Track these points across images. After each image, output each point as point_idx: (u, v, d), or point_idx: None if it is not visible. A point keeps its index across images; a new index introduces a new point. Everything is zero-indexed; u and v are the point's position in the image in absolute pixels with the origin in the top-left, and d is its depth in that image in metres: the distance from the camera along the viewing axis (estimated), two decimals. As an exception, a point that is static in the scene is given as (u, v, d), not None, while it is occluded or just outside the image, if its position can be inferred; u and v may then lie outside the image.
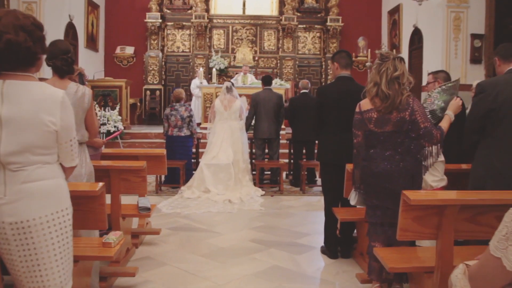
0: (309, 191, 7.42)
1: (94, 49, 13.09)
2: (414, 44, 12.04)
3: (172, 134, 7.53)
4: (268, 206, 6.34)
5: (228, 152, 7.12)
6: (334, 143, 4.06)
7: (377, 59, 3.10)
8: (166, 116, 7.58)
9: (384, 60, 3.03)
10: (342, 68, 4.13)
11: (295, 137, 7.72)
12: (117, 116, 10.14)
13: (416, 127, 2.95)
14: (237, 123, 7.35)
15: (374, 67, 3.08)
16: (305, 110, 7.55)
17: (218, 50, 13.63)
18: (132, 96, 13.32)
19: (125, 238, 3.07)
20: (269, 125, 7.49)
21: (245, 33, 13.88)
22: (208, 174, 6.97)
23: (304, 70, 13.91)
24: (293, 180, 7.86)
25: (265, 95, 7.56)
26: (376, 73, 3.03)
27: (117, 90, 10.61)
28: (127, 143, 10.04)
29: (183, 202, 6.50)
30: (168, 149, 7.57)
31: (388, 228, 3.09)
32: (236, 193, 6.83)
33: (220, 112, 7.34)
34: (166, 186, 7.50)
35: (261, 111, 7.52)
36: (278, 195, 7.10)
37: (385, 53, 3.07)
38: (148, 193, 7.30)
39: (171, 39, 13.89)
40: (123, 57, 13.86)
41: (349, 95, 4.00)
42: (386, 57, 3.03)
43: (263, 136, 7.56)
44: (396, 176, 2.96)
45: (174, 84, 13.83)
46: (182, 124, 7.48)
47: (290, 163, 8.40)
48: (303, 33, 13.95)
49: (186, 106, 7.60)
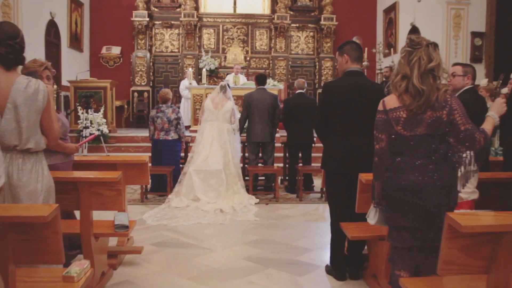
0: (306, 198, 6.80)
1: (78, 49, 12.40)
2: (411, 43, 11.47)
3: (158, 137, 6.88)
4: (263, 216, 5.72)
5: (218, 155, 6.49)
6: (343, 148, 3.44)
7: (405, 46, 2.49)
8: (152, 118, 6.93)
9: (415, 47, 2.43)
10: (353, 62, 3.52)
11: (291, 140, 7.10)
12: (102, 119, 9.47)
13: (455, 129, 2.35)
14: (225, 125, 6.71)
15: (402, 55, 2.47)
16: (301, 111, 6.95)
17: (208, 50, 13.00)
18: (119, 98, 12.66)
19: (92, 269, 2.42)
20: (263, 128, 6.88)
21: (236, 33, 13.26)
22: (197, 181, 6.33)
23: (297, 71, 13.32)
24: (288, 186, 7.24)
25: (258, 95, 6.95)
26: (405, 63, 2.42)
27: (102, 92, 9.94)
28: (112, 147, 9.37)
29: (171, 212, 5.85)
30: (155, 154, 6.95)
31: (417, 253, 2.48)
32: (228, 201, 6.20)
33: (210, 110, 6.70)
34: (153, 194, 6.84)
35: (254, 113, 6.90)
36: (273, 203, 6.48)
37: (416, 38, 2.47)
38: (133, 202, 6.66)
39: (159, 38, 13.23)
40: (109, 58, 13.18)
41: (361, 93, 3.40)
42: (418, 44, 2.43)
43: (257, 140, 6.94)
44: (429, 190, 2.35)
45: (163, 85, 13.13)
46: (169, 127, 6.84)
47: (285, 168, 7.79)
48: (296, 33, 13.37)
49: (174, 107, 6.95)
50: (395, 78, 2.45)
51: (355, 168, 3.38)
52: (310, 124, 6.98)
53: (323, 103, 3.55)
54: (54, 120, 2.75)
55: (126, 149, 9.38)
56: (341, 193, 3.53)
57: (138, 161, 4.25)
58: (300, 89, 7.09)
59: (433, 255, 2.48)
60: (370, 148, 3.55)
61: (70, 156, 3.72)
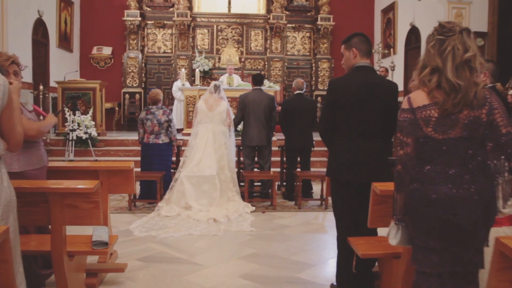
0: (305, 205, 6.38)
1: (68, 49, 11.93)
2: (410, 43, 11.12)
3: (148, 141, 6.44)
4: (259, 226, 5.29)
5: (212, 159, 6.06)
6: (352, 153, 3.02)
7: (433, 34, 2.09)
8: (141, 120, 6.49)
9: (448, 34, 2.02)
10: (362, 56, 3.10)
11: (289, 144, 6.67)
12: (90, 121, 9.01)
13: (495, 132, 1.94)
14: (220, 127, 6.29)
15: (431, 44, 2.06)
16: (299, 114, 6.53)
17: (202, 51, 12.57)
18: (109, 100, 12.22)
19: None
20: (259, 131, 6.46)
21: (230, 33, 12.84)
22: (189, 187, 5.89)
23: (293, 72, 12.91)
24: (286, 193, 6.81)
25: (255, 96, 6.53)
26: (435, 54, 2.01)
27: (90, 93, 9.47)
28: (100, 151, 8.90)
29: (160, 222, 5.41)
30: (144, 158, 6.51)
31: (448, 280, 2.06)
32: (222, 209, 5.77)
33: (203, 112, 6.28)
34: (142, 201, 6.39)
35: (250, 115, 6.48)
36: (270, 211, 6.05)
37: (447, 23, 2.07)
38: (120, 210, 6.21)
39: (151, 39, 12.79)
40: (100, 58, 12.72)
41: (373, 90, 2.98)
42: (450, 30, 2.02)
43: (252, 144, 6.51)
44: (465, 205, 1.94)
45: (155, 87, 12.68)
46: (159, 130, 6.40)
47: (283, 173, 7.36)
48: (292, 33, 12.97)
49: (164, 109, 6.52)
50: (423, 72, 2.04)
51: (366, 176, 2.96)
52: (309, 127, 6.58)
53: (329, 102, 3.13)
54: (17, 122, 2.30)
55: (116, 153, 8.93)
56: (350, 205, 3.10)
57: (122, 167, 3.80)
58: (298, 90, 6.68)
59: (467, 283, 2.07)
60: (383, 153, 3.14)
61: (43, 162, 3.28)
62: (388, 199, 2.71)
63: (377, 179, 2.95)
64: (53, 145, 9.02)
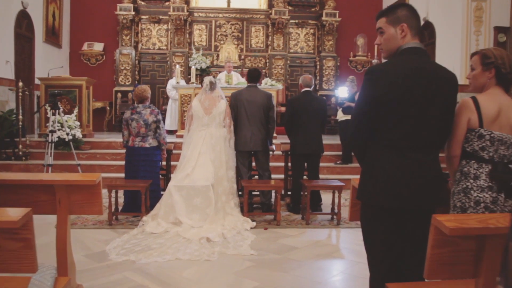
0: (313, 220, 5.46)
1: (56, 45, 11.00)
2: (423, 40, 10.21)
3: (133, 144, 5.52)
4: (262, 248, 4.36)
5: (207, 169, 5.15)
6: (400, 169, 2.09)
7: None
8: (126, 121, 5.57)
9: None
10: (414, 36, 2.19)
11: (295, 149, 5.73)
12: (74, 121, 8.09)
13: None
14: (220, 131, 5.40)
15: None
16: (307, 114, 5.62)
17: (199, 48, 11.65)
18: (100, 99, 11.33)
19: None
20: (253, 134, 5.54)
21: (229, 29, 11.92)
22: (178, 200, 4.98)
23: (296, 71, 11.99)
24: (291, 205, 5.90)
25: (248, 94, 5.60)
26: None
27: (76, 91, 8.55)
28: (85, 155, 7.98)
29: (143, 241, 4.48)
30: (129, 164, 5.59)
31: None
32: (217, 226, 4.85)
33: (199, 117, 5.37)
34: (125, 214, 5.47)
35: (242, 115, 5.57)
36: (273, 227, 5.13)
37: None
38: (98, 224, 5.30)
39: (145, 34, 11.87)
40: (91, 55, 11.81)
41: (430, 83, 2.06)
42: None
43: (246, 148, 5.58)
44: None
45: (149, 86, 11.73)
46: (146, 132, 5.49)
47: (287, 181, 6.44)
48: (295, 29, 12.05)
49: (152, 108, 5.60)
50: None
51: (418, 202, 2.05)
52: (318, 129, 5.67)
53: (368, 99, 2.16)
54: None
55: (102, 156, 8.00)
56: (392, 242, 2.18)
57: (85, 182, 2.88)
58: (306, 87, 5.76)
59: None
60: (439, 168, 2.23)
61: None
62: (458, 241, 1.79)
63: (433, 205, 2.04)
64: (34, 147, 8.11)
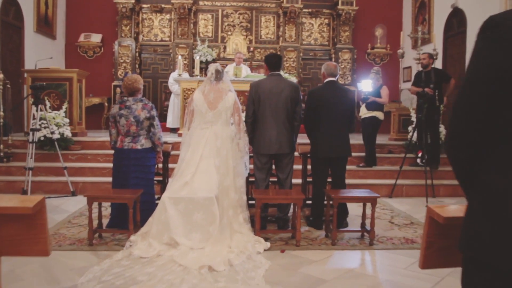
0: (340, 238, 4.41)
1: (49, 35, 10.01)
2: (451, 29, 9.10)
3: (122, 146, 4.50)
4: (279, 281, 3.32)
5: (210, 177, 4.12)
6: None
7: None
8: (114, 117, 4.55)
9: None
10: None
11: (317, 151, 4.67)
12: (63, 118, 7.09)
13: None
14: (227, 130, 4.37)
15: None
16: (332, 109, 4.57)
17: (205, 39, 10.62)
18: (98, 94, 10.35)
19: None
20: (278, 133, 4.48)
21: (237, 19, 10.88)
22: (174, 215, 3.94)
23: (309, 64, 10.94)
24: (311, 218, 4.85)
25: (272, 84, 4.54)
26: None
27: (66, 84, 7.54)
28: (76, 156, 6.98)
29: (128, 271, 3.45)
30: (117, 169, 4.58)
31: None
32: (223, 249, 3.82)
33: (201, 113, 4.34)
34: (111, 231, 4.45)
35: (265, 111, 4.51)
36: (292, 249, 4.09)
37: None
38: (77, 244, 4.29)
39: (147, 25, 10.85)
40: (88, 47, 10.82)
41: None
42: None
43: (270, 151, 4.52)
44: None
45: (151, 80, 10.80)
46: (137, 131, 4.47)
47: (305, 187, 5.38)
48: (308, 19, 10.98)
49: (145, 102, 4.57)
50: None
51: None
52: (345, 127, 4.62)
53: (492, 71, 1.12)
54: None
55: (94, 158, 7.00)
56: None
57: (17, 210, 1.85)
58: (330, 76, 4.69)
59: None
60: None
61: None
62: None
63: None
64: (18, 147, 7.11)
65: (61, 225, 4.77)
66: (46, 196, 6.19)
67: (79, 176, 6.60)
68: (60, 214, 5.25)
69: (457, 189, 6.68)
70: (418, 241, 4.37)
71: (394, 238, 4.46)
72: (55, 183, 6.39)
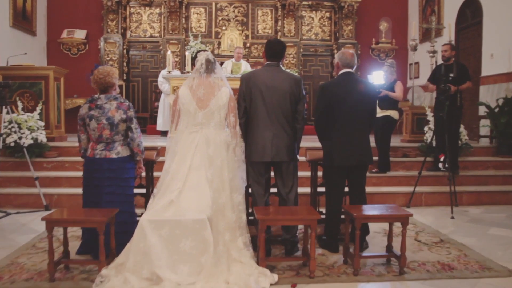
0: (363, 266, 3.54)
1: (28, 31, 9.09)
2: (464, 21, 8.28)
3: (93, 155, 3.62)
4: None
5: (202, 193, 3.25)
6: None
7: None
8: (83, 119, 3.66)
9: None
10: None
11: (332, 159, 3.76)
12: (37, 121, 6.19)
13: None
14: (221, 134, 3.49)
15: None
16: (350, 107, 3.69)
17: (198, 35, 9.74)
18: (82, 95, 9.50)
19: None
20: (275, 136, 3.58)
21: (232, 12, 10.01)
22: (156, 243, 3.06)
23: (309, 61, 10.10)
24: (325, 238, 3.97)
25: (268, 76, 3.65)
26: None
27: (42, 83, 6.64)
28: (50, 164, 6.08)
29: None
30: (88, 183, 3.68)
31: None
32: (218, 285, 2.95)
33: (189, 113, 3.47)
34: (79, 262, 3.57)
35: (259, 108, 3.62)
36: (305, 281, 3.22)
37: None
38: (36, 278, 3.40)
39: (135, 19, 9.97)
40: (71, 44, 9.92)
41: None
42: None
43: (263, 158, 3.62)
44: None
45: (140, 79, 9.92)
46: (111, 136, 3.59)
47: (315, 197, 4.48)
48: (308, 12, 10.14)
49: (120, 100, 3.69)
50: None
51: None
52: (366, 129, 3.76)
53: None
54: None
55: (72, 166, 6.08)
56: None
57: None
58: (346, 67, 3.82)
59: None
60: None
61: None
62: None
63: None
64: (-13, 154, 6.20)
65: (22, 251, 3.87)
66: (14, 212, 5.34)
67: (55, 187, 5.71)
68: (26, 235, 4.35)
69: (481, 196, 5.86)
70: (456, 266, 3.53)
71: (428, 264, 3.60)
72: (26, 196, 5.49)
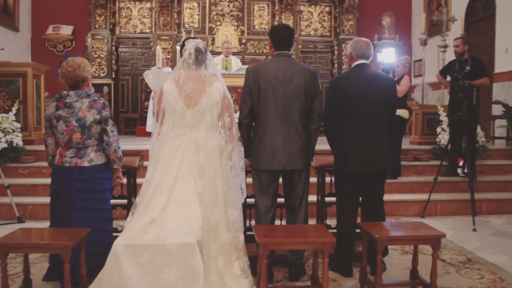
0: (382, 292, 2.94)
1: (10, 27, 8.45)
2: (475, 14, 7.72)
3: (61, 163, 3.00)
4: None
5: (190, 210, 2.65)
6: None
7: None
8: (49, 121, 3.05)
9: None
10: None
11: (345, 166, 3.15)
12: (12, 123, 5.56)
13: None
14: (214, 138, 2.88)
15: None
16: (366, 105, 3.09)
17: (190, 30, 9.13)
18: (68, 94, 8.71)
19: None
20: (287, 140, 2.97)
21: (227, 7, 9.41)
22: (133, 273, 2.45)
23: (308, 58, 9.51)
24: (336, 257, 3.36)
25: (278, 69, 3.03)
26: None
27: (19, 80, 6.02)
28: (27, 170, 5.46)
29: None
30: (56, 196, 3.07)
31: None
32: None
33: (175, 112, 2.85)
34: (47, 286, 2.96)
35: (269, 106, 3.00)
36: (315, 316, 2.62)
37: None
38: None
39: (124, 15, 9.34)
40: (57, 40, 9.30)
41: None
42: None
43: (273, 166, 3.01)
44: None
45: (130, 77, 9.31)
46: (83, 140, 2.97)
47: (321, 209, 3.88)
48: (307, 7, 9.57)
49: (94, 98, 3.08)
50: None
51: None
52: (384, 131, 3.15)
53: None
54: None
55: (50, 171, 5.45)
56: None
57: None
58: (361, 58, 3.21)
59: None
60: None
61: None
62: None
63: None
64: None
65: (-20, 275, 3.25)
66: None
67: (30, 196, 5.09)
68: (-11, 254, 3.72)
69: (502, 204, 5.28)
70: (492, 294, 2.94)
71: (459, 291, 3.02)
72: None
